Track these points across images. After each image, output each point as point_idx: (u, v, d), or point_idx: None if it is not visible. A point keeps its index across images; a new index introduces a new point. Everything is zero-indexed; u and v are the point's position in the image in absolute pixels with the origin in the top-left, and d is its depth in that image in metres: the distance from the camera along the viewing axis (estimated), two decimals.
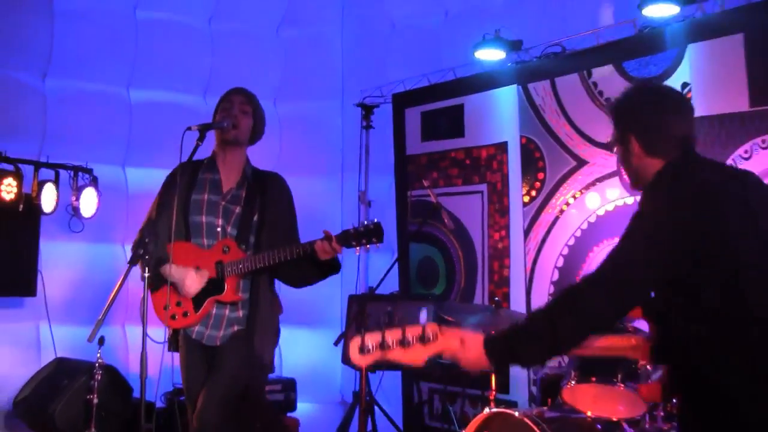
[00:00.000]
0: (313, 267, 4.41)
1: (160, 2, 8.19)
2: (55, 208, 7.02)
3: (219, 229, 4.44)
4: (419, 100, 8.05)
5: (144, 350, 4.13)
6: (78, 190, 7.16)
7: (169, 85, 8.26)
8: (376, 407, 7.48)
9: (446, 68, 7.78)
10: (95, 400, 5.70)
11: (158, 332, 4.80)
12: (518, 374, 6.91)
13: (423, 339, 2.77)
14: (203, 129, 4.39)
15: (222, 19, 8.53)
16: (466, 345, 2.83)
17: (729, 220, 2.81)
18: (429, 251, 7.88)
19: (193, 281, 4.36)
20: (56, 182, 7.05)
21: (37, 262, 7.03)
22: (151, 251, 4.25)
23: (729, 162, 5.72)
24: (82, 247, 7.69)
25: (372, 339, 2.78)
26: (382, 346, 2.76)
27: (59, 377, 6.34)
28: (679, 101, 3.12)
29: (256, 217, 4.47)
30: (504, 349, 2.87)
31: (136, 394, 6.53)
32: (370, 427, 7.51)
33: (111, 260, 7.86)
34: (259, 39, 8.72)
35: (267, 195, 4.55)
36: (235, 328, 4.42)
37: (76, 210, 7.17)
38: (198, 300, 4.39)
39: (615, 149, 3.19)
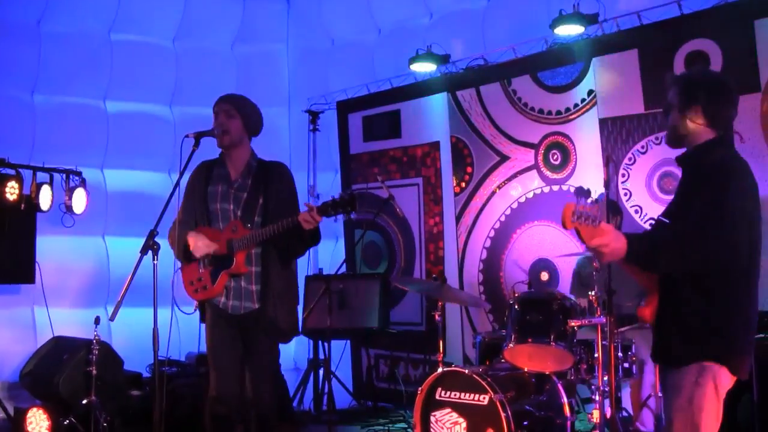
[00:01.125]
0: (297, 240, 4.47)
1: (131, 25, 8.25)
2: (50, 207, 7.09)
3: (231, 214, 4.53)
4: (360, 106, 8.25)
5: (155, 327, 4.23)
6: (70, 191, 7.23)
7: (140, 97, 8.36)
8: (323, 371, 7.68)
9: (384, 79, 8.00)
10: (94, 372, 5.75)
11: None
12: (453, 339, 7.18)
13: (595, 220, 2.87)
14: (198, 137, 4.44)
15: (184, 39, 8.61)
16: (613, 236, 2.94)
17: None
18: (372, 236, 8.09)
19: (202, 243, 4.45)
20: (51, 184, 7.11)
21: (34, 254, 7.10)
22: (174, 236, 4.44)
23: (629, 155, 6.06)
24: (72, 240, 7.78)
25: (584, 208, 2.82)
26: (584, 218, 2.82)
27: (59, 353, 6.36)
28: (735, 91, 3.34)
29: (261, 201, 4.54)
30: (644, 248, 3.01)
31: (126, 366, 6.62)
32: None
33: (94, 251, 8.04)
34: (216, 55, 8.82)
35: (270, 181, 4.59)
36: (254, 305, 4.48)
37: (69, 208, 7.23)
38: (214, 275, 4.48)
39: (670, 110, 3.30)
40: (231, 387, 4.49)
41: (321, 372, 7.85)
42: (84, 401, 5.76)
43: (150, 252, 4.24)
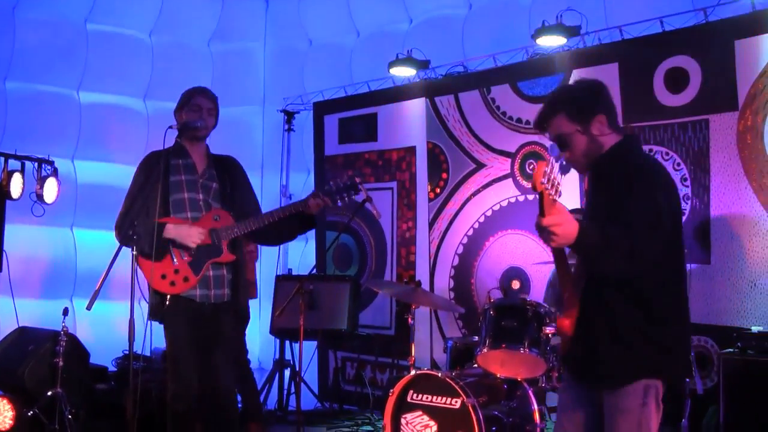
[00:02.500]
0: (296, 223, 4.58)
1: (108, 16, 8.21)
2: (20, 195, 6.99)
3: (201, 203, 4.53)
4: (337, 108, 8.25)
5: (132, 317, 4.19)
6: (42, 180, 7.12)
7: (114, 89, 8.32)
8: (289, 372, 7.67)
9: (361, 82, 8.02)
10: (61, 363, 5.69)
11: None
12: (422, 344, 7.19)
13: (557, 193, 2.72)
14: (182, 128, 4.49)
15: (161, 33, 8.59)
16: (567, 217, 2.79)
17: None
18: (343, 238, 8.07)
19: (193, 231, 4.41)
20: (22, 172, 7.01)
21: (2, 242, 6.98)
22: (140, 231, 4.35)
23: None
24: (41, 230, 7.69)
25: (554, 176, 2.68)
26: (550, 184, 2.66)
27: (25, 343, 6.25)
28: None
29: (229, 190, 4.60)
30: (595, 239, 2.85)
31: (92, 359, 6.56)
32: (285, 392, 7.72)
33: (62, 242, 7.98)
34: (192, 51, 8.80)
35: (231, 172, 4.69)
36: (229, 293, 4.50)
37: (39, 197, 7.13)
38: (196, 265, 4.44)
39: (570, 139, 3.11)
40: (193, 382, 4.45)
41: (287, 373, 7.86)
42: (49, 393, 5.68)
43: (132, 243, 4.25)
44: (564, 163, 3.13)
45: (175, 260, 4.46)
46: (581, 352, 3.12)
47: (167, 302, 4.42)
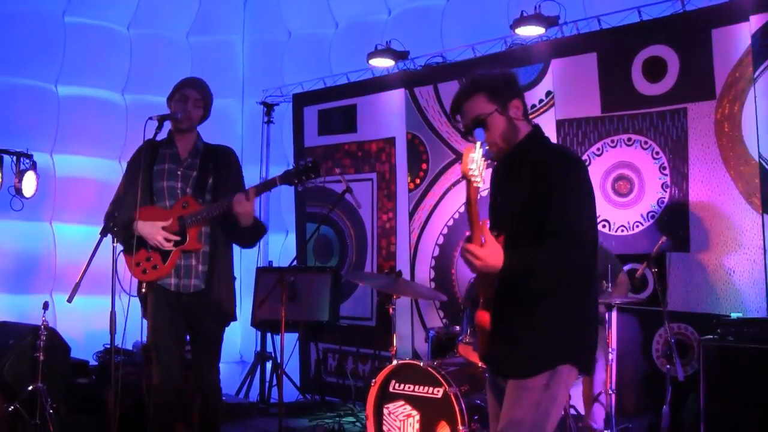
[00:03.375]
0: (241, 228, 4.49)
1: (86, 9, 8.09)
2: None
3: (179, 191, 4.51)
4: (317, 99, 8.22)
5: (113, 309, 4.17)
6: (20, 174, 7.06)
7: (92, 82, 8.20)
8: (270, 364, 7.66)
9: (341, 73, 7.99)
10: (41, 358, 5.64)
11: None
12: (403, 335, 7.18)
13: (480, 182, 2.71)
14: (161, 119, 4.43)
15: (139, 25, 8.48)
16: (488, 245, 2.82)
17: None
18: (323, 229, 8.06)
19: (157, 230, 4.41)
20: (0, 166, 6.94)
21: None
22: (119, 223, 4.33)
23: (585, 157, 6.14)
24: (19, 225, 7.60)
25: (476, 157, 2.67)
26: (476, 169, 2.67)
27: (5, 338, 6.16)
28: None
29: (211, 180, 4.56)
30: (520, 263, 2.86)
31: (73, 353, 6.51)
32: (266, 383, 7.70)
33: (41, 236, 7.88)
34: (171, 43, 8.70)
35: (219, 162, 4.64)
36: (201, 285, 4.47)
37: (18, 191, 7.07)
38: (165, 253, 4.44)
39: (486, 120, 3.08)
40: (174, 374, 4.46)
41: (268, 365, 7.84)
42: (30, 387, 5.62)
43: (109, 234, 4.23)
44: (487, 149, 3.08)
45: (149, 248, 4.47)
46: (499, 346, 3.10)
47: (143, 290, 4.46)
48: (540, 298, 2.99)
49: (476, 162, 2.68)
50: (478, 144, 2.71)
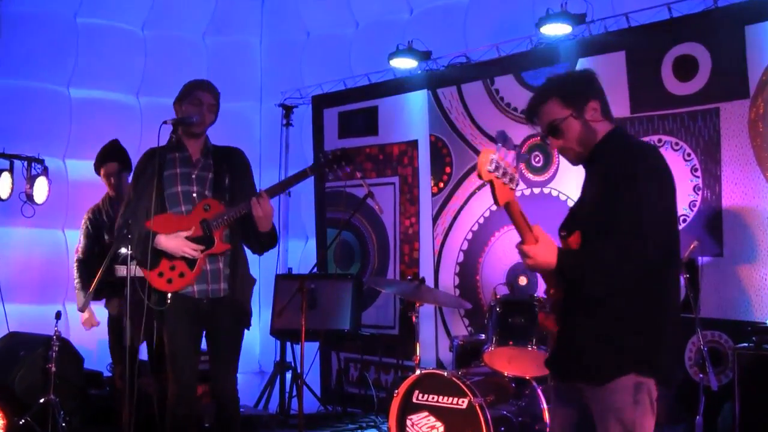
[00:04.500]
0: (259, 233, 4.56)
1: (98, 9, 8.20)
2: (9, 195, 7.00)
3: (195, 195, 4.55)
4: (337, 101, 8.27)
5: (126, 319, 4.24)
6: (32, 179, 7.14)
7: (106, 85, 8.30)
8: (290, 374, 7.68)
9: (361, 74, 8.04)
10: (53, 369, 5.69)
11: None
12: (426, 343, 7.19)
13: (513, 180, 2.77)
14: (176, 123, 4.50)
15: (154, 26, 8.58)
16: (540, 242, 2.89)
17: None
18: (345, 236, 8.10)
19: (183, 242, 4.44)
20: (11, 171, 7.02)
21: None
22: (134, 232, 4.39)
23: None
24: (31, 232, 7.71)
25: (503, 160, 2.70)
26: (501, 171, 2.71)
27: (15, 349, 6.26)
28: None
29: (227, 181, 4.62)
30: (574, 264, 2.92)
31: (87, 364, 6.58)
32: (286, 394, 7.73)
33: (53, 244, 7.98)
34: (186, 44, 8.79)
35: (233, 162, 4.71)
36: (227, 288, 4.52)
37: (29, 197, 7.14)
38: (191, 259, 4.46)
39: (561, 126, 3.14)
40: (191, 385, 4.53)
41: (288, 375, 7.88)
42: (42, 400, 5.69)
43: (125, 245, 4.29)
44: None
45: (171, 258, 4.50)
46: (565, 349, 3.12)
47: (168, 300, 4.45)
48: (602, 299, 2.98)
49: (500, 163, 2.69)
50: (498, 146, 2.73)
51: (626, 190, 2.93)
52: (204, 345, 4.69)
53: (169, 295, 4.47)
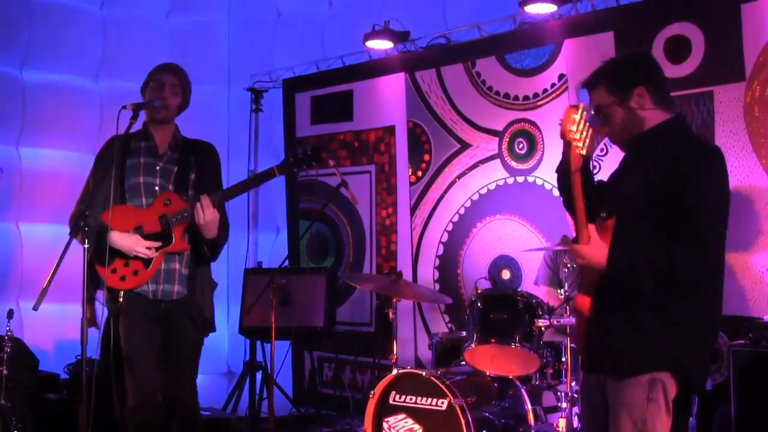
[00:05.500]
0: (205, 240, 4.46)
1: None
2: None
3: (157, 188, 4.46)
4: (309, 85, 8.20)
5: (84, 319, 4.11)
6: None
7: (62, 68, 8.14)
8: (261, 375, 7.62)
9: (335, 56, 7.96)
10: (5, 372, 5.59)
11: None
12: (404, 341, 7.14)
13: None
14: (136, 108, 4.36)
15: (114, 4, 8.44)
16: (593, 242, 2.98)
17: None
18: (317, 227, 8.04)
19: (135, 241, 4.35)
20: None
21: None
22: (90, 223, 4.27)
23: (601, 146, 6.09)
24: None
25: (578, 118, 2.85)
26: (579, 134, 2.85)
27: None
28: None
29: (193, 176, 4.54)
30: (628, 267, 2.98)
31: (42, 366, 6.47)
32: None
33: (6, 239, 7.82)
34: (149, 24, 8.66)
35: (200, 157, 4.62)
36: (184, 290, 4.43)
37: None
38: (147, 257, 4.38)
39: (606, 112, 3.22)
40: (152, 390, 4.43)
41: (258, 376, 7.80)
42: None
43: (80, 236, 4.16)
44: (592, 115, 3.17)
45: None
46: (598, 340, 3.18)
47: (120, 299, 4.36)
48: (645, 294, 3.02)
49: (579, 125, 2.81)
50: (581, 106, 2.87)
51: (692, 193, 2.98)
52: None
53: (122, 293, 4.38)
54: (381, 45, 7.42)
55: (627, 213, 3.09)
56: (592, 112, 3.20)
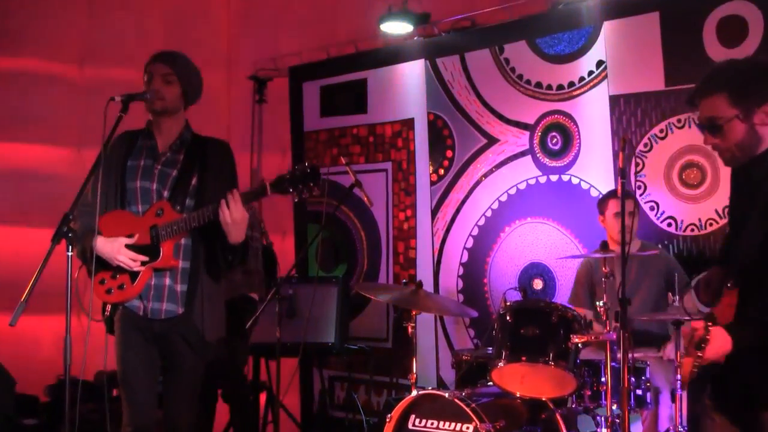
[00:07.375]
0: (228, 246, 4.35)
1: None
2: None
3: (154, 194, 4.42)
4: (319, 73, 8.23)
5: (68, 334, 4.11)
6: None
7: (40, 53, 8.17)
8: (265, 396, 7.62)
9: (348, 41, 7.98)
10: None
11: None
12: (425, 358, 7.15)
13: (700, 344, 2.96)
14: (126, 100, 4.33)
15: None
16: (712, 340, 2.98)
17: None
18: (328, 232, 8.06)
19: (118, 248, 4.30)
20: None
21: None
22: (75, 228, 4.26)
23: (645, 141, 6.09)
24: None
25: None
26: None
27: None
28: None
29: (194, 181, 4.44)
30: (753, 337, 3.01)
31: (20, 387, 6.51)
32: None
33: None
34: (139, 4, 8.68)
35: (208, 160, 4.51)
36: (179, 309, 4.37)
37: None
38: (134, 271, 4.33)
39: (722, 126, 3.14)
40: (148, 415, 4.42)
41: (263, 397, 7.81)
42: None
43: (65, 241, 4.16)
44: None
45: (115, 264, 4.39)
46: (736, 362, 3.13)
47: (106, 313, 4.38)
48: None
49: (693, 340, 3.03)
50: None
51: None
52: None
53: (108, 306, 4.39)
54: (399, 29, 7.45)
55: (747, 279, 3.05)
56: (700, 123, 3.18)
